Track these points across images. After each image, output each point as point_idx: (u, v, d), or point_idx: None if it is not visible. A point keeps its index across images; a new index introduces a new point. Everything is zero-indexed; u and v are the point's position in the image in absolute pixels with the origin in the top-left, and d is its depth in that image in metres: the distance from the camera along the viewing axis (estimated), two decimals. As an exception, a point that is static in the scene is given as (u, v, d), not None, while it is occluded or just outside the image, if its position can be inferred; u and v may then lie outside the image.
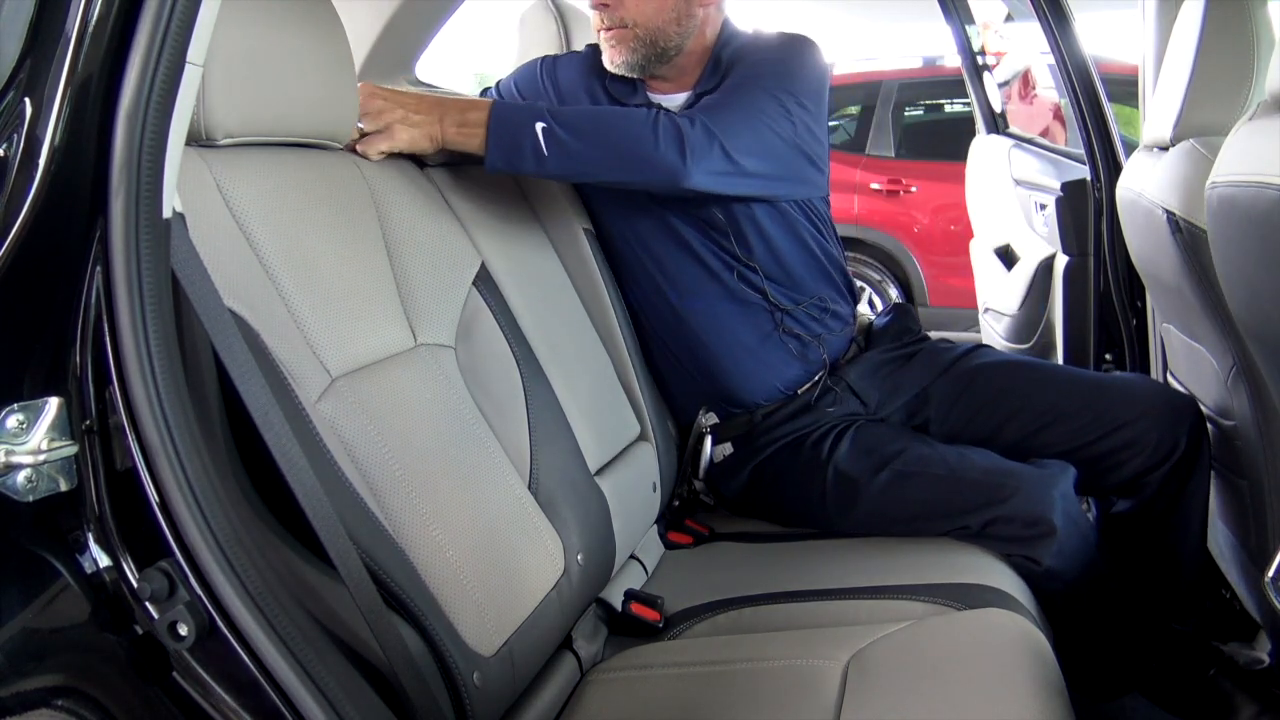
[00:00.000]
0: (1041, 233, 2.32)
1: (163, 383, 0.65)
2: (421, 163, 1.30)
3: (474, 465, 1.07)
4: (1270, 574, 0.96)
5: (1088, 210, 2.01)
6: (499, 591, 1.02)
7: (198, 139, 0.92)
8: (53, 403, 0.65)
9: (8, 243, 0.64)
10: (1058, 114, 3.25)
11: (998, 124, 2.70)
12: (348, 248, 1.05)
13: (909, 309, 1.69)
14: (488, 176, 1.36)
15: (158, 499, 0.66)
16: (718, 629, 1.23)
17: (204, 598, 0.66)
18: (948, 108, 4.79)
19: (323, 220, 1.03)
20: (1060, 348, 2.13)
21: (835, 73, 4.72)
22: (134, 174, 0.64)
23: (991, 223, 2.68)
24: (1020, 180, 2.47)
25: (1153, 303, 1.85)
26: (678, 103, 1.47)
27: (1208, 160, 1.15)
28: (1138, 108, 1.89)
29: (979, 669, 1.01)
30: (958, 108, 4.59)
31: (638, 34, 1.44)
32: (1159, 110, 1.44)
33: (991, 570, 1.27)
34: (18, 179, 0.64)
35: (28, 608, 0.67)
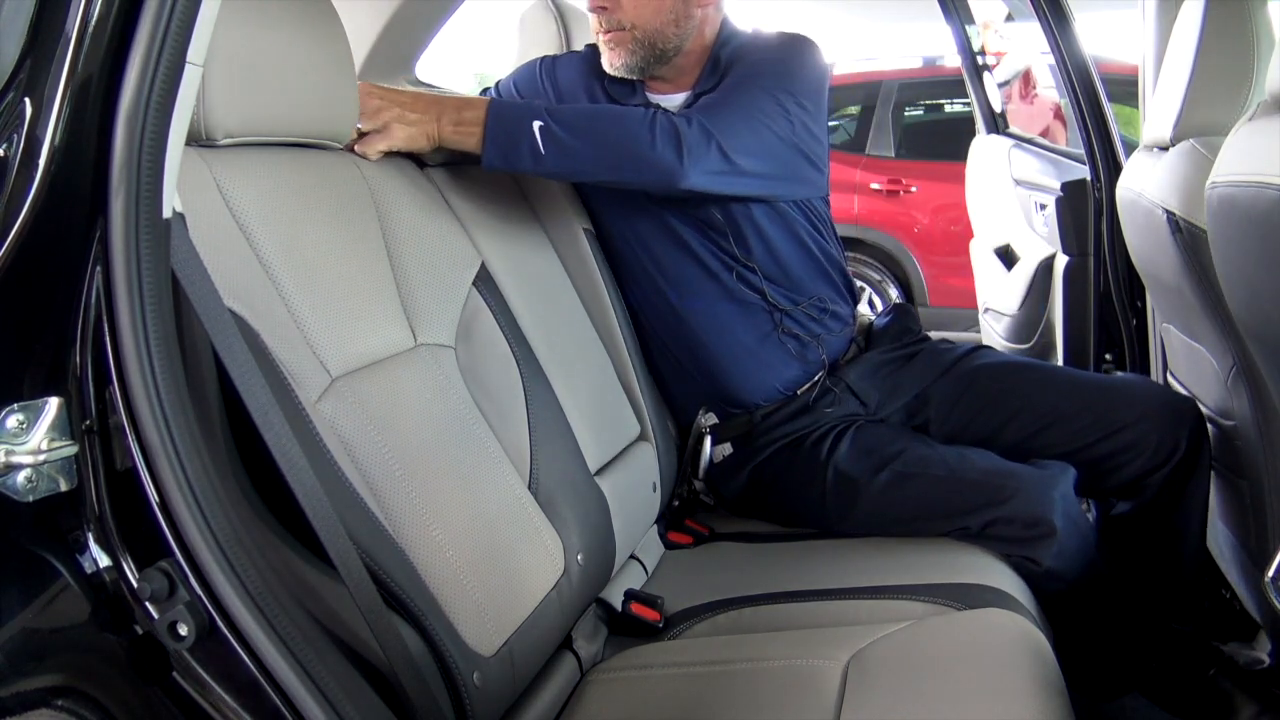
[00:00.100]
0: (1041, 233, 2.32)
1: (163, 383, 0.65)
2: (421, 162, 1.30)
3: (474, 465, 1.07)
4: (1270, 574, 0.96)
5: (1088, 210, 2.01)
6: (499, 591, 1.02)
7: (198, 139, 0.92)
8: (53, 403, 0.65)
9: (8, 243, 0.64)
10: (1058, 114, 3.25)
11: (998, 124, 2.70)
12: (348, 248, 1.05)
13: (909, 309, 1.68)
14: (488, 176, 1.36)
15: (158, 499, 0.66)
16: (718, 629, 1.23)
17: (204, 598, 0.66)
18: (948, 108, 4.79)
19: (323, 220, 1.03)
20: (1060, 348, 2.13)
21: (835, 73, 4.72)
22: (134, 174, 0.64)
23: (991, 223, 2.68)
24: (1020, 180, 2.47)
25: (1153, 303, 1.85)
26: (677, 103, 1.47)
27: (1208, 160, 1.15)
28: (1138, 108, 1.88)
29: (979, 669, 1.01)
30: (958, 108, 4.59)
31: (636, 36, 1.44)
32: (1159, 110, 1.44)
33: (991, 570, 1.27)
34: (18, 179, 0.64)
35: (28, 608, 0.67)
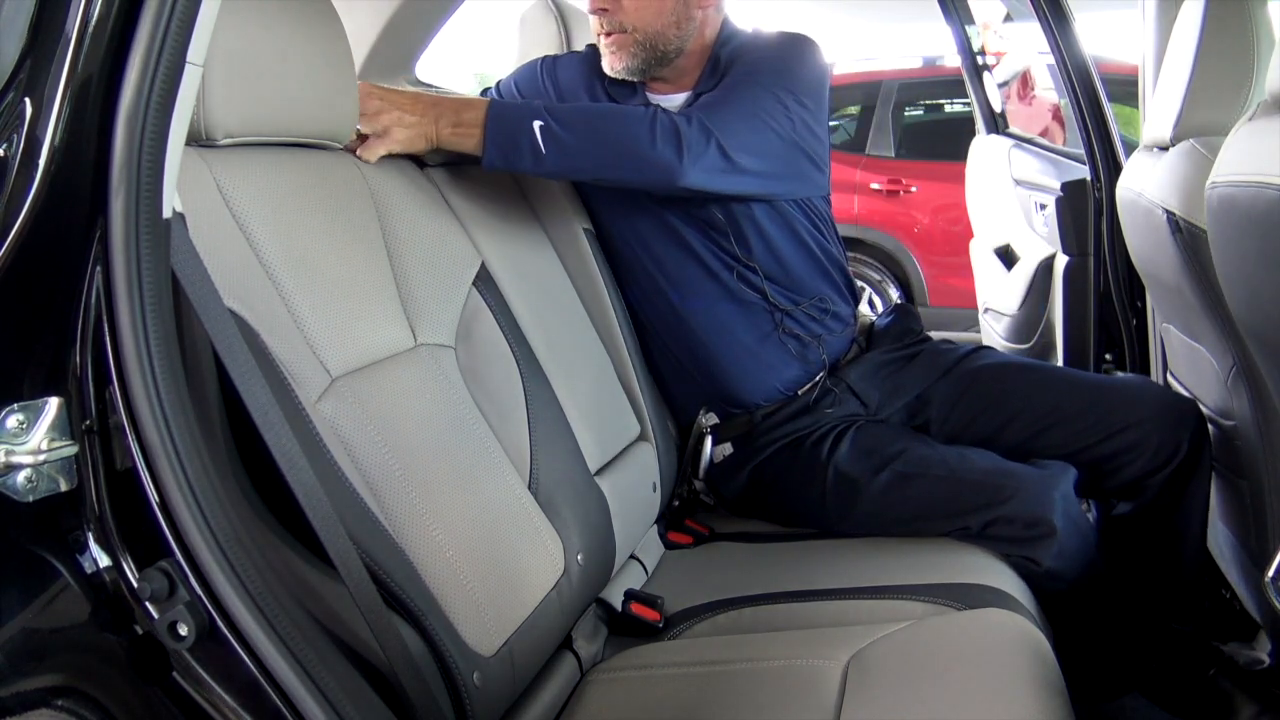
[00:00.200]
0: (1041, 233, 2.32)
1: (163, 383, 0.65)
2: (421, 163, 1.30)
3: (474, 465, 1.07)
4: (1270, 574, 0.96)
5: (1088, 210, 2.01)
6: (499, 591, 1.02)
7: (198, 139, 0.92)
8: (53, 403, 0.65)
9: (8, 243, 0.64)
10: (1058, 114, 3.25)
11: (998, 124, 2.70)
12: (348, 248, 1.05)
13: (911, 310, 1.68)
14: (488, 176, 1.36)
15: (158, 499, 0.66)
16: (718, 629, 1.23)
17: (204, 598, 0.66)
18: (948, 108, 4.79)
19: (323, 220, 1.03)
20: (1060, 348, 2.13)
21: (835, 73, 4.72)
22: (134, 174, 0.64)
23: (991, 223, 2.68)
24: (1020, 180, 2.47)
25: (1153, 303, 1.85)
26: (677, 103, 1.47)
27: (1208, 160, 1.14)
28: (1138, 108, 1.88)
29: (979, 669, 1.01)
30: (958, 108, 4.59)
31: (637, 39, 1.43)
32: (1159, 110, 1.44)
33: (991, 570, 1.27)
34: (18, 179, 0.64)
35: (28, 608, 0.67)
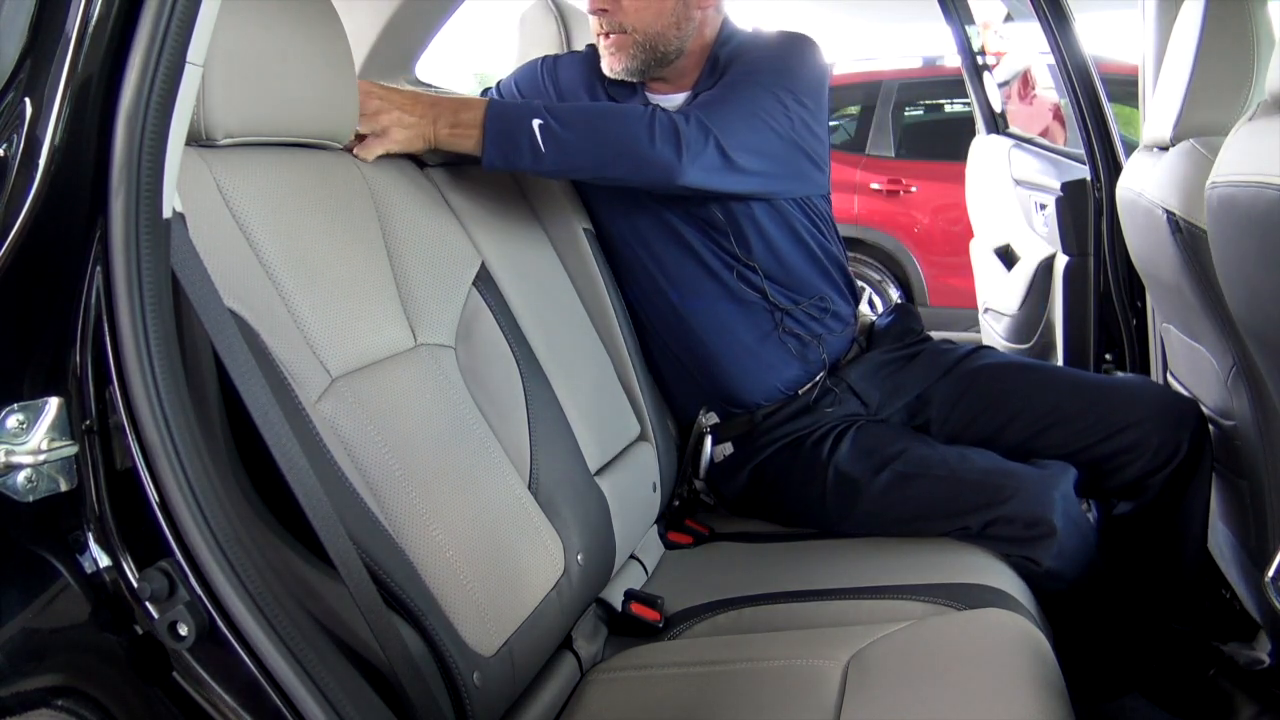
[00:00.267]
0: (1041, 233, 2.32)
1: (163, 383, 0.65)
2: (421, 162, 1.30)
3: (474, 465, 1.07)
4: (1270, 574, 0.96)
5: (1088, 210, 2.01)
6: (499, 591, 1.02)
7: (198, 139, 0.92)
8: (53, 403, 0.65)
9: (8, 243, 0.64)
10: (1058, 114, 3.25)
11: (998, 124, 2.70)
12: (348, 248, 1.05)
13: (911, 309, 1.68)
14: (487, 176, 1.36)
15: (158, 499, 0.66)
16: (718, 629, 1.23)
17: (204, 598, 0.66)
18: (948, 108, 4.79)
19: (323, 220, 1.03)
20: (1060, 348, 2.13)
21: (835, 73, 4.72)
22: (134, 174, 0.64)
23: (991, 223, 2.68)
24: (1020, 180, 2.47)
25: (1153, 303, 1.85)
26: (677, 103, 1.47)
27: (1208, 160, 1.14)
28: (1138, 108, 1.88)
29: (979, 669, 1.01)
30: (958, 108, 4.59)
31: (637, 39, 1.43)
32: (1159, 110, 1.44)
33: (991, 570, 1.27)
34: (18, 179, 0.64)
35: (28, 608, 0.67)
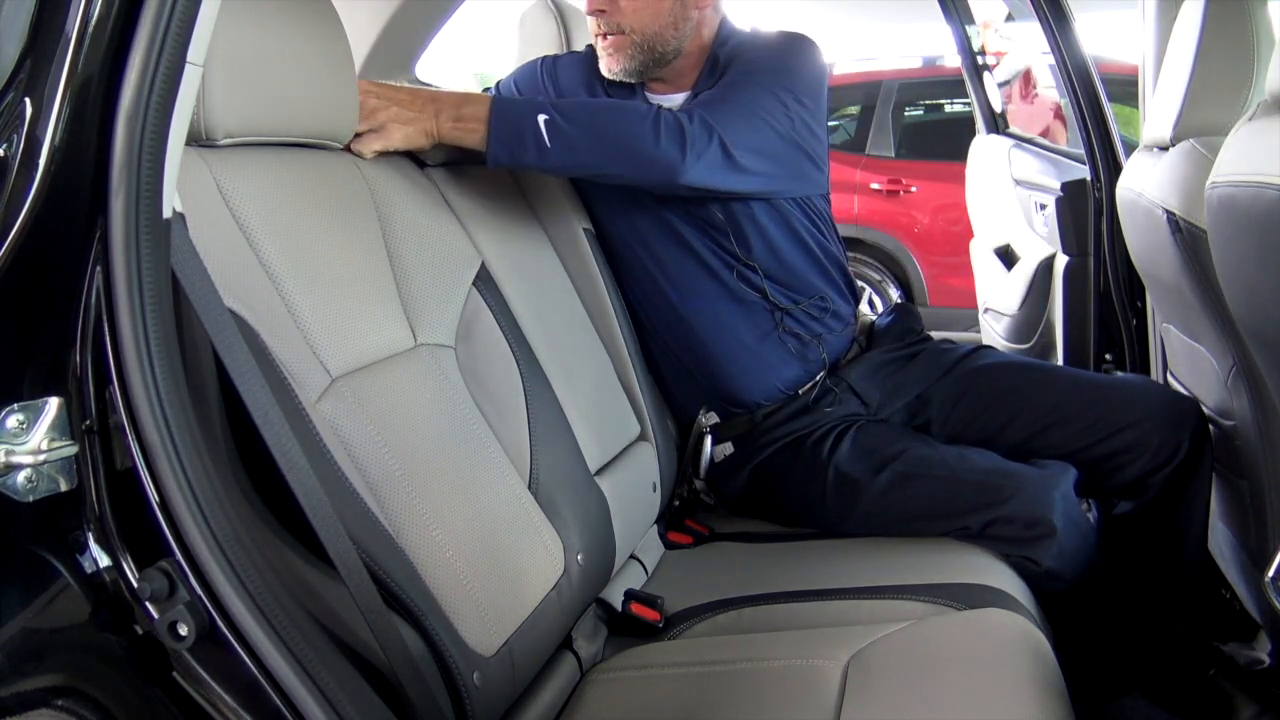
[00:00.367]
0: (1041, 233, 2.32)
1: (163, 383, 0.65)
2: (421, 162, 1.30)
3: (474, 465, 1.07)
4: (1270, 574, 0.96)
5: (1088, 210, 2.01)
6: (499, 591, 1.02)
7: (198, 139, 0.92)
8: (53, 403, 0.65)
9: (8, 243, 0.64)
10: (1058, 114, 3.25)
11: (998, 124, 2.70)
12: (348, 248, 1.05)
13: (911, 309, 1.68)
14: (488, 176, 1.36)
15: (158, 499, 0.66)
16: (718, 629, 1.23)
17: (204, 598, 0.66)
18: (948, 108, 4.79)
19: (323, 220, 1.03)
20: (1060, 348, 2.13)
21: (835, 73, 4.72)
22: (134, 174, 0.64)
23: (991, 223, 2.68)
24: (1020, 180, 2.47)
25: (1153, 303, 1.85)
26: (676, 103, 1.47)
27: (1208, 160, 1.14)
28: (1138, 108, 1.88)
29: (979, 669, 1.01)
30: (958, 108, 4.59)
31: (635, 40, 1.43)
32: (1159, 110, 1.44)
33: (991, 570, 1.27)
34: (18, 179, 0.64)
35: (28, 608, 0.67)
